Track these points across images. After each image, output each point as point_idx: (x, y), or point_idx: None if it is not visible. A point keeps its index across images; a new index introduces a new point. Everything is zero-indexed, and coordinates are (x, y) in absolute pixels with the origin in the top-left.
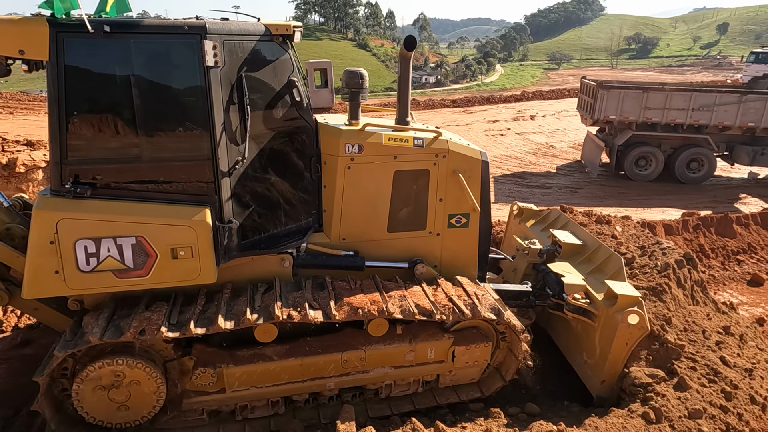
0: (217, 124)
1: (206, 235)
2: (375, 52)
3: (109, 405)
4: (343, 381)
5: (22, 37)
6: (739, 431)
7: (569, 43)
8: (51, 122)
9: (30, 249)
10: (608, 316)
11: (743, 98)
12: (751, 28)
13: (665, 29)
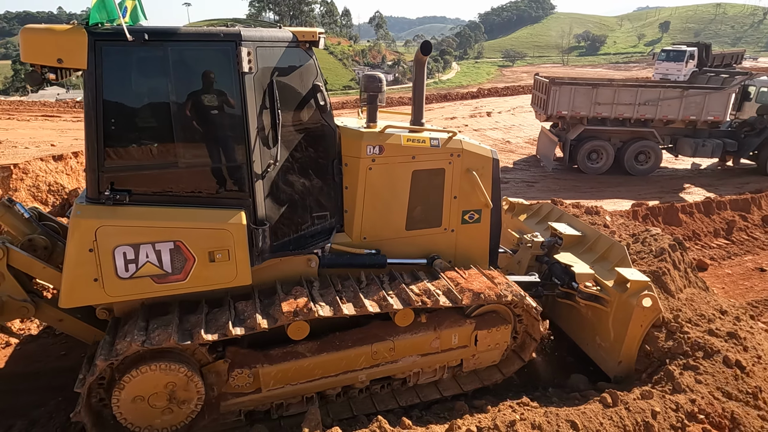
0: (252, 128)
1: (242, 238)
2: (332, 51)
3: (149, 411)
4: (373, 372)
5: (61, 46)
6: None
7: (522, 41)
8: (88, 130)
9: (68, 257)
10: (621, 301)
11: (685, 93)
12: (690, 26)
13: (612, 27)
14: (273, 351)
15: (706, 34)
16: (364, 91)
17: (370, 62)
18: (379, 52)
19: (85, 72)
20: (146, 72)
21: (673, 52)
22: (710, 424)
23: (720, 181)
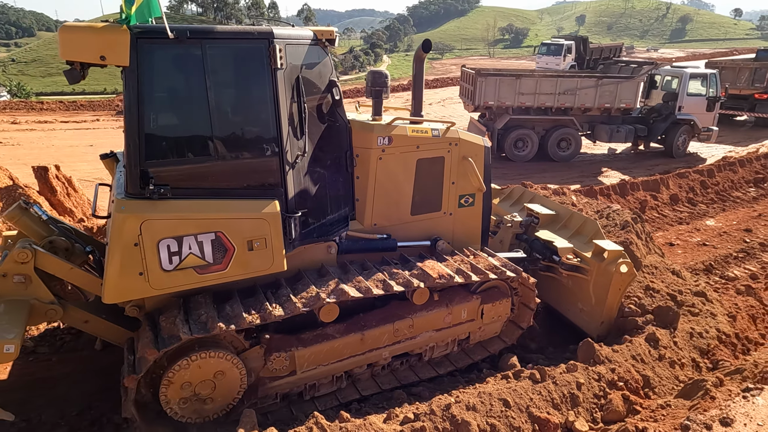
0: (283, 121)
1: (277, 226)
2: None
3: (195, 400)
4: (395, 349)
5: (104, 44)
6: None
7: (450, 34)
8: (129, 126)
9: (112, 253)
10: (600, 270)
11: (599, 83)
12: (603, 19)
13: (533, 20)
14: (304, 334)
15: (618, 27)
16: (371, 87)
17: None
18: None
19: (126, 69)
20: (184, 69)
21: (552, 46)
22: (628, 389)
23: (633, 164)
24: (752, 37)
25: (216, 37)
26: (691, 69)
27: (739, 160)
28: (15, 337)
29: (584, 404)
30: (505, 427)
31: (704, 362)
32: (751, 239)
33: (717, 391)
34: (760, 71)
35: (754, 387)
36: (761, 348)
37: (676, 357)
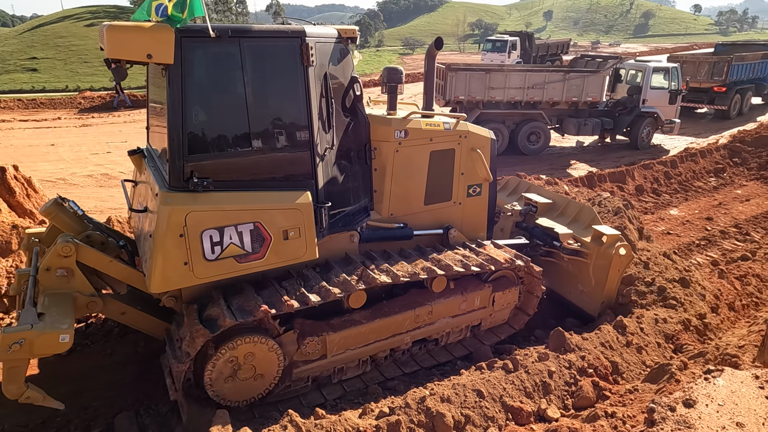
0: (314, 115)
1: (310, 216)
2: None
3: (238, 383)
4: (415, 334)
5: (151, 43)
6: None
7: (421, 29)
8: (172, 122)
9: (158, 244)
10: (600, 253)
11: (567, 77)
12: (570, 15)
13: (502, 16)
14: (334, 320)
15: (584, 22)
16: (387, 82)
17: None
18: None
19: (171, 67)
20: (223, 66)
21: (497, 42)
22: (598, 375)
23: (600, 157)
24: (711, 32)
25: (253, 36)
26: (654, 63)
27: (700, 151)
28: (69, 327)
29: (556, 392)
30: (479, 417)
31: (669, 347)
32: (712, 227)
33: (681, 374)
34: (718, 65)
35: (715, 369)
36: (727, 331)
37: (642, 343)
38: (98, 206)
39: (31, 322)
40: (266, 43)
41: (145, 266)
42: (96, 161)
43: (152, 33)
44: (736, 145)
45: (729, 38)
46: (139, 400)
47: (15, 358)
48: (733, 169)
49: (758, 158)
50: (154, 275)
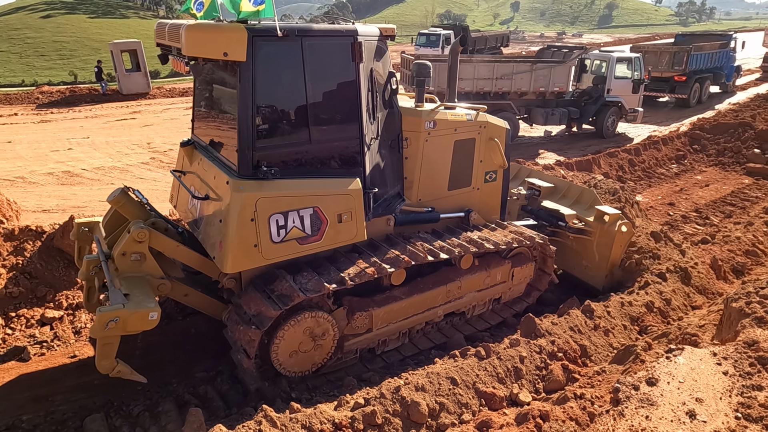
0: (363, 108)
1: (360, 201)
2: None
3: (300, 355)
4: (447, 307)
5: (227, 42)
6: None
7: (390, 20)
8: (242, 115)
9: (231, 228)
10: (603, 231)
11: (534, 67)
12: (536, 6)
13: (470, 7)
14: (377, 297)
15: (550, 13)
16: (417, 77)
17: None
18: None
19: (242, 64)
20: (287, 63)
21: (431, 36)
22: (567, 359)
23: (568, 146)
24: (671, 23)
25: (313, 35)
26: (618, 53)
27: (662, 139)
28: (156, 306)
29: (527, 376)
30: (453, 404)
31: (634, 328)
32: (674, 212)
33: (646, 354)
34: (678, 55)
35: (676, 347)
36: (690, 313)
37: (609, 326)
38: (60, 205)
39: (122, 302)
40: (324, 42)
41: (213, 250)
42: (57, 158)
43: (228, 33)
44: (696, 132)
45: (688, 29)
46: (109, 402)
47: (109, 335)
48: (693, 156)
49: (716, 145)
50: (229, 256)
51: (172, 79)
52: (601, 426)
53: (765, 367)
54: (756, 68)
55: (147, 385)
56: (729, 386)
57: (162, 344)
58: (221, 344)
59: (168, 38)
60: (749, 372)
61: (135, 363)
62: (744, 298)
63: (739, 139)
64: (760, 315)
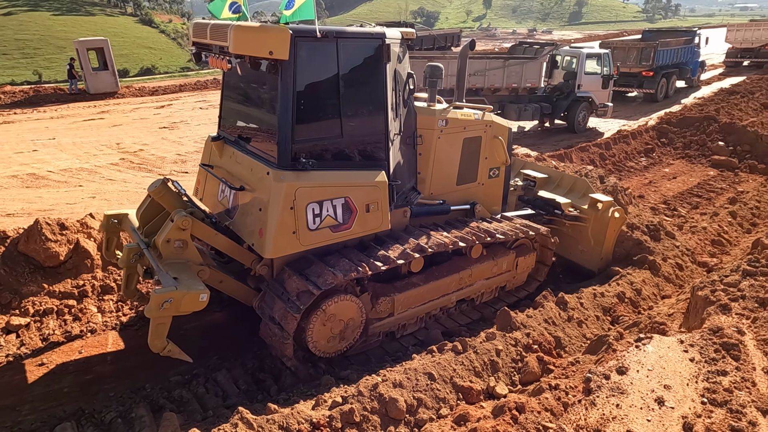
0: (389, 105)
1: (385, 192)
2: (163, 29)
3: (331, 337)
4: (459, 294)
5: (272, 42)
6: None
7: (363, 17)
8: (282, 110)
9: (272, 215)
10: (597, 217)
11: (506, 64)
12: (508, 3)
13: (443, 4)
14: (397, 283)
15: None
16: (429, 78)
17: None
18: None
19: (284, 63)
20: (323, 62)
21: None
22: (542, 351)
23: (540, 141)
24: (639, 19)
25: (347, 37)
26: (587, 50)
27: (631, 133)
28: (205, 288)
29: (503, 369)
30: (431, 399)
31: (607, 319)
32: (643, 204)
33: (618, 343)
34: (645, 51)
35: (645, 336)
36: (660, 302)
37: (582, 317)
38: (25, 208)
39: (174, 284)
40: (356, 43)
41: (251, 237)
42: (21, 160)
43: (273, 33)
44: (663, 126)
45: (655, 25)
46: (80, 410)
47: (163, 315)
48: (661, 149)
49: (683, 138)
50: (271, 242)
51: (142, 78)
52: (573, 416)
53: (729, 353)
54: (719, 63)
55: (119, 391)
56: (695, 372)
57: (135, 349)
58: (197, 347)
59: (210, 37)
60: (714, 358)
61: (106, 368)
62: (709, 287)
63: (704, 133)
64: (725, 302)
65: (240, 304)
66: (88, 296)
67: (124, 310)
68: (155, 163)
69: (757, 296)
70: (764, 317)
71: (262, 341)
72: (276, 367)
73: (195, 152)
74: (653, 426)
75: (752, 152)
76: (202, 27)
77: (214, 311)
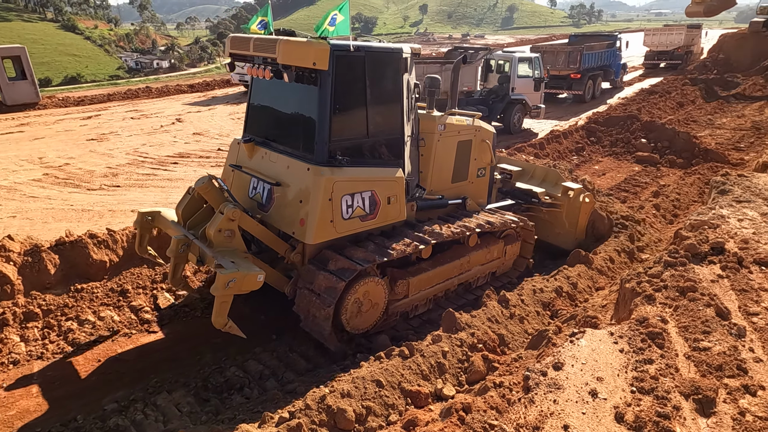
0: (405, 111)
1: (402, 187)
2: (88, 35)
3: (361, 314)
4: (460, 278)
5: (315, 54)
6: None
7: (301, 23)
8: (321, 114)
9: (314, 206)
10: (569, 203)
11: (443, 68)
12: (444, 8)
13: (380, 10)
14: (410, 268)
15: (457, 15)
16: (428, 88)
17: (139, 47)
18: (147, 37)
19: (323, 73)
20: (354, 72)
21: None
22: (487, 349)
23: None
24: (566, 24)
25: (374, 51)
26: (519, 54)
27: (563, 133)
28: (261, 270)
29: (450, 370)
30: (379, 406)
31: (546, 313)
32: None
33: (557, 337)
34: (572, 54)
35: (579, 331)
36: (595, 294)
37: (524, 313)
38: None
39: (235, 267)
40: (381, 56)
41: (291, 227)
42: None
43: (316, 46)
44: (592, 125)
45: (580, 29)
46: None
47: (228, 293)
48: (590, 148)
49: (610, 137)
50: (311, 230)
51: (66, 88)
52: (513, 415)
53: (654, 342)
54: (639, 65)
55: (47, 425)
56: (625, 363)
57: (63, 378)
58: (133, 370)
59: (254, 49)
60: (641, 347)
61: (31, 402)
62: (635, 279)
63: (628, 131)
64: (649, 293)
65: (181, 325)
66: (9, 325)
67: (51, 336)
68: (83, 177)
69: (677, 285)
70: (684, 305)
71: (206, 360)
72: (221, 385)
73: (127, 165)
74: (588, 419)
75: (671, 148)
76: (244, 40)
77: (150, 332)
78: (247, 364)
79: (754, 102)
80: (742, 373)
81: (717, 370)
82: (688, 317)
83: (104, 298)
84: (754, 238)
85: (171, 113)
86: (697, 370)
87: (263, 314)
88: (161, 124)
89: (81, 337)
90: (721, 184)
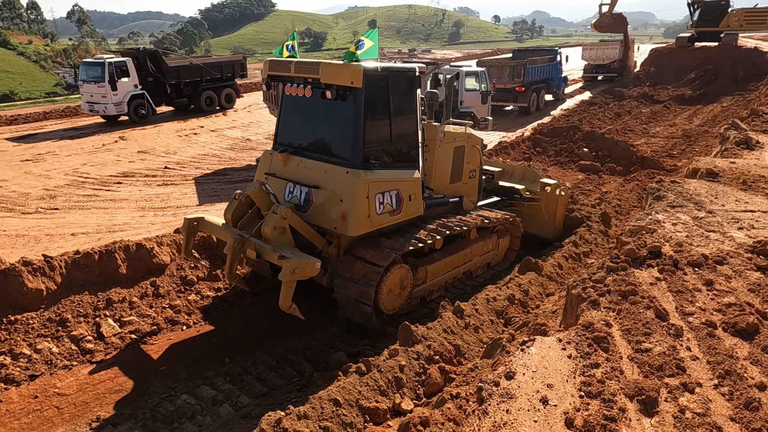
0: (418, 120)
1: (419, 186)
2: (22, 51)
3: (393, 297)
4: (464, 267)
5: (352, 74)
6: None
7: (249, 38)
8: (355, 125)
9: (355, 203)
10: (548, 197)
11: None
12: (392, 24)
13: (330, 25)
14: (426, 258)
15: (405, 30)
16: (428, 101)
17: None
18: (87, 52)
19: (358, 90)
20: (380, 89)
21: (95, 66)
22: (443, 360)
23: None
24: (510, 39)
25: (395, 71)
26: (466, 68)
27: (510, 144)
28: (317, 259)
29: (408, 384)
30: (337, 426)
31: (500, 322)
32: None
33: (510, 345)
34: (516, 68)
35: (529, 339)
36: (546, 300)
37: (478, 322)
38: None
39: (298, 257)
40: (400, 75)
41: (333, 223)
42: None
43: (353, 68)
44: (537, 136)
45: (523, 44)
46: None
47: (293, 279)
48: (537, 157)
49: (554, 146)
50: (352, 224)
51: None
52: (467, 428)
53: (600, 346)
54: (579, 78)
55: None
56: (573, 368)
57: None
58: (74, 403)
59: (295, 71)
60: (588, 352)
61: None
62: (581, 285)
63: (571, 140)
64: (594, 298)
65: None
66: None
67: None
68: (17, 200)
69: (619, 290)
70: (626, 308)
71: (154, 389)
72: (171, 414)
73: (66, 186)
74: (540, 426)
75: (611, 156)
76: (284, 63)
77: (92, 362)
78: (199, 390)
79: (684, 111)
80: (681, 371)
81: (658, 370)
82: (630, 320)
83: (41, 329)
84: (687, 240)
85: (113, 131)
86: (639, 371)
87: (215, 337)
88: (103, 143)
89: (15, 373)
90: (656, 191)
